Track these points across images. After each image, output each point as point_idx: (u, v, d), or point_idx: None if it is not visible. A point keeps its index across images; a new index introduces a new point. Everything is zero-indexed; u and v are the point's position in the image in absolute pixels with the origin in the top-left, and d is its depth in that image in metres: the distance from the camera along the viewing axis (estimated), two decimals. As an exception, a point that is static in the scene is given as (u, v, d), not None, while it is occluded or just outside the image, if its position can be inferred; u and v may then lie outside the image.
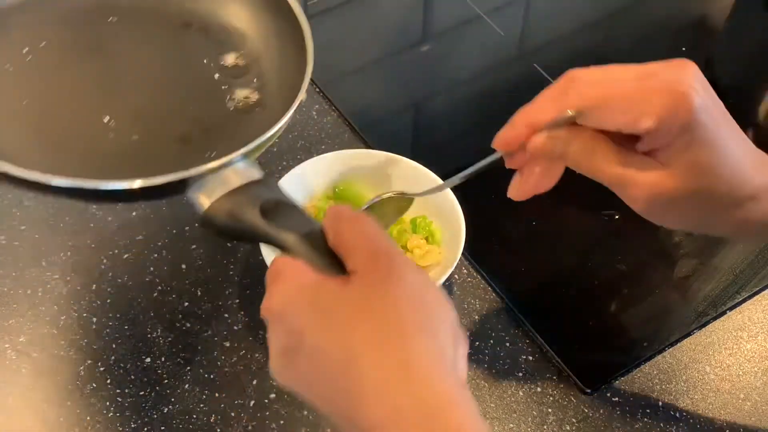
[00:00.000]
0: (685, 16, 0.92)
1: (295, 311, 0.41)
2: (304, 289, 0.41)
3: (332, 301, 0.40)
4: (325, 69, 0.84)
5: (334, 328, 0.39)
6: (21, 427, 0.60)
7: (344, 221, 0.43)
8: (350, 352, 0.39)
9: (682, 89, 0.46)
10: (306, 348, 0.40)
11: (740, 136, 0.48)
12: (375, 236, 0.42)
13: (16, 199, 0.73)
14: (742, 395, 0.63)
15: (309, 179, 0.68)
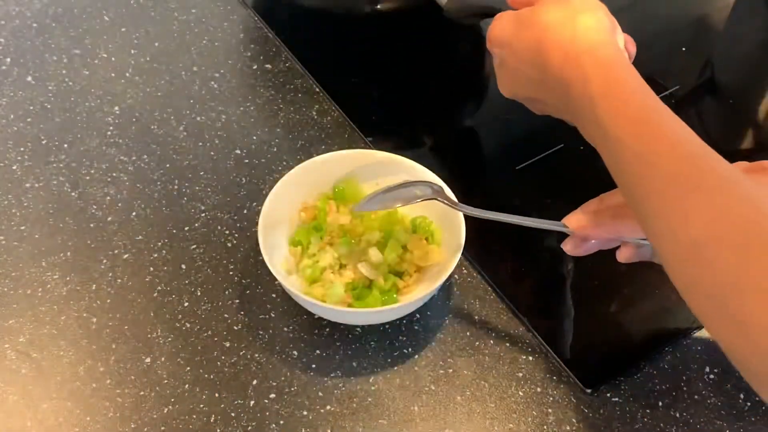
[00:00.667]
0: (685, 16, 0.92)
1: (499, 36, 0.62)
2: (511, 19, 0.62)
3: (527, 16, 0.60)
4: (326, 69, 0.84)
5: (525, 29, 0.60)
6: (21, 427, 0.60)
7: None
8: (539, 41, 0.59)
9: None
10: (507, 56, 0.62)
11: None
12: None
13: (16, 199, 0.73)
14: (742, 395, 0.63)
15: (309, 178, 0.68)
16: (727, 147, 0.82)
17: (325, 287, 0.64)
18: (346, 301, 0.64)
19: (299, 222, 0.68)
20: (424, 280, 0.65)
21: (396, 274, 0.66)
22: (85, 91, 0.81)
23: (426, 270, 0.66)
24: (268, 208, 0.65)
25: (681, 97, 0.83)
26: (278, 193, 0.66)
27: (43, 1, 0.89)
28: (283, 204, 0.67)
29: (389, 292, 0.65)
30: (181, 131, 0.78)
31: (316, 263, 0.66)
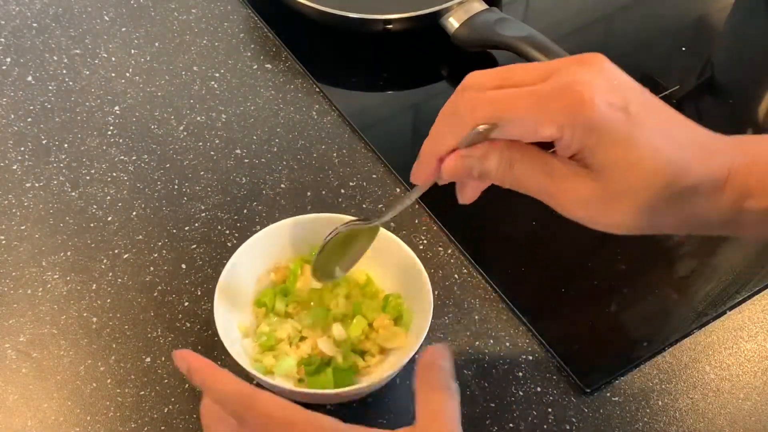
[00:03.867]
0: (685, 16, 0.92)
1: None
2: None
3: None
4: (326, 69, 0.85)
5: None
6: (21, 427, 0.60)
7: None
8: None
9: (578, 89, 0.43)
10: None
11: (672, 125, 0.45)
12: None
13: (16, 199, 0.73)
14: (742, 395, 0.63)
15: (281, 240, 0.65)
16: (727, 147, 0.82)
17: (277, 358, 0.61)
18: (295, 376, 0.60)
19: (268, 283, 0.65)
20: (388, 360, 0.62)
21: (360, 352, 0.62)
22: (85, 91, 0.81)
23: (391, 351, 0.62)
24: (236, 262, 0.62)
25: (681, 97, 0.83)
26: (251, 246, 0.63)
27: (43, 1, 0.89)
28: (255, 260, 0.64)
29: (347, 371, 0.60)
30: (181, 131, 0.78)
31: (273, 332, 0.62)
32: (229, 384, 0.48)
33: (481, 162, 0.46)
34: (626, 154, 0.43)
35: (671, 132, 0.45)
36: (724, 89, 0.87)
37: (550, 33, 0.78)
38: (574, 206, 0.46)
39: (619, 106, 0.43)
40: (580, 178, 0.45)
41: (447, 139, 0.47)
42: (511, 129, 0.45)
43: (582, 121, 0.43)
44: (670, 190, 0.44)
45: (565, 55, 0.75)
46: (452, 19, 0.82)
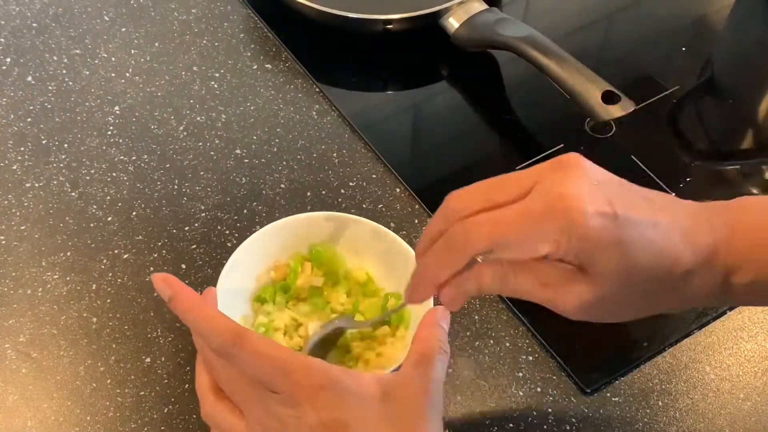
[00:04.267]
0: (685, 16, 0.92)
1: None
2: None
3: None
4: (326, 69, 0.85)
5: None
6: (21, 427, 0.60)
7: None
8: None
9: (567, 204, 0.43)
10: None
11: (656, 214, 0.46)
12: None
13: (16, 199, 0.73)
14: (742, 395, 0.63)
15: (280, 239, 0.64)
16: (727, 147, 0.82)
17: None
18: None
19: (268, 281, 0.64)
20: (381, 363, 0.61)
21: (355, 358, 0.61)
22: (85, 91, 0.81)
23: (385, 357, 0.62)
24: (235, 260, 0.61)
25: (681, 97, 0.83)
26: (250, 244, 0.63)
27: (43, 1, 0.89)
28: (254, 258, 0.63)
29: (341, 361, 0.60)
30: (181, 131, 0.78)
31: (271, 322, 0.62)
32: (215, 319, 0.48)
33: (476, 283, 0.48)
34: (620, 257, 0.44)
35: (656, 222, 0.46)
36: (724, 89, 0.87)
37: (550, 33, 0.78)
38: (575, 309, 0.46)
39: (607, 213, 0.44)
40: (577, 283, 0.46)
41: (443, 270, 0.48)
42: (509, 253, 0.46)
43: (576, 235, 0.43)
44: (666, 282, 0.46)
45: (566, 55, 0.75)
46: (452, 19, 0.82)
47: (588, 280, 0.45)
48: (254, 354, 0.47)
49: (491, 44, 0.81)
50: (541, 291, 0.47)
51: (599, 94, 0.73)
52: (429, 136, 0.82)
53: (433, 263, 0.48)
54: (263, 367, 0.46)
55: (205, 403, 0.51)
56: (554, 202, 0.44)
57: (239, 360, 0.47)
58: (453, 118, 0.82)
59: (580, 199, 0.44)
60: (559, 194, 0.44)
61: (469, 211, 0.46)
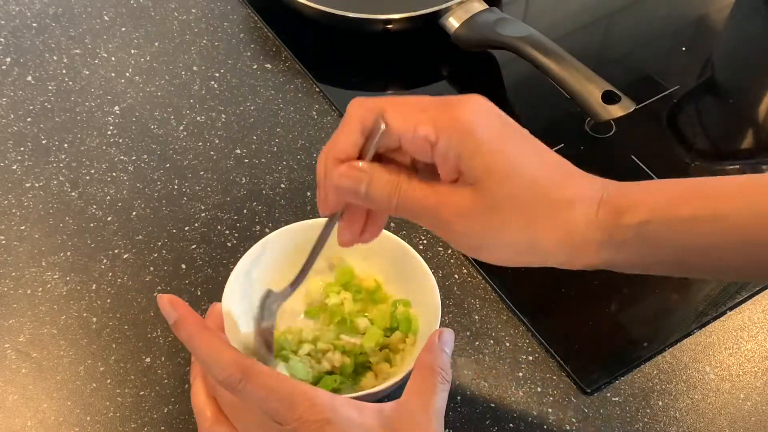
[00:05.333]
0: (685, 16, 0.92)
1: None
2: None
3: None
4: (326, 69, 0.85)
5: None
6: (21, 427, 0.60)
7: None
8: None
9: (458, 104, 0.46)
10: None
11: (543, 153, 0.48)
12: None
13: (16, 199, 0.73)
14: (742, 395, 0.63)
15: (287, 247, 0.63)
16: (727, 147, 0.82)
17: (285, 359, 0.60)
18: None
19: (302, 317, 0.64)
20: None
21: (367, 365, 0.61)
22: (85, 91, 0.81)
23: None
24: (239, 271, 0.61)
25: (681, 97, 0.83)
26: (253, 255, 0.62)
27: (43, 1, 0.89)
28: (259, 269, 0.62)
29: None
30: (181, 131, 0.78)
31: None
32: (221, 352, 0.48)
33: (369, 180, 0.48)
34: (502, 163, 0.46)
35: (544, 158, 0.48)
36: (724, 89, 0.87)
37: (550, 33, 0.78)
38: (455, 219, 0.47)
39: (495, 126, 0.46)
40: (459, 190, 0.47)
41: (344, 145, 0.48)
42: (394, 123, 0.46)
43: (458, 126, 0.45)
44: (546, 201, 0.46)
45: (566, 55, 0.75)
46: (452, 19, 0.82)
47: (471, 188, 0.46)
48: (259, 388, 0.47)
49: (491, 44, 0.81)
50: (427, 198, 0.47)
51: (599, 94, 0.73)
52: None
53: (332, 142, 0.49)
54: (268, 401, 0.47)
55: (203, 421, 0.51)
56: (448, 101, 0.47)
57: (244, 394, 0.47)
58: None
59: (472, 106, 0.47)
60: (455, 99, 0.47)
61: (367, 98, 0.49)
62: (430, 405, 0.49)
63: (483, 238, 0.48)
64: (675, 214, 0.47)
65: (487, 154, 0.45)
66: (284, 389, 0.47)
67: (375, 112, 0.47)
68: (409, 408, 0.49)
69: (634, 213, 0.47)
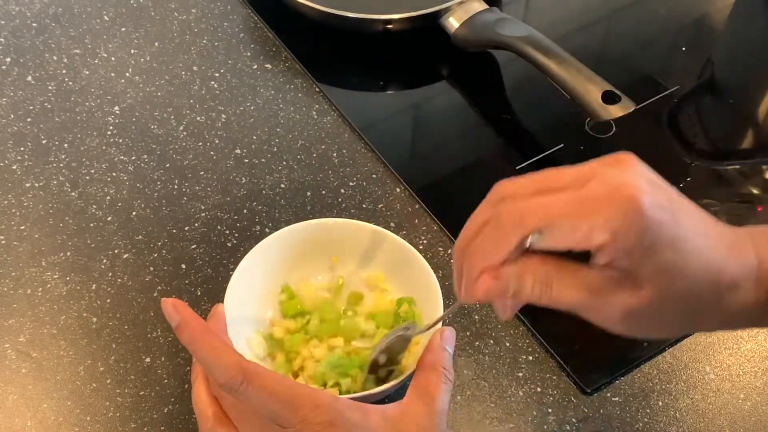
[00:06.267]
0: (685, 16, 0.92)
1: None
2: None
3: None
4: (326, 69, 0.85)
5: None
6: (21, 427, 0.60)
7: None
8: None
9: (628, 192, 0.41)
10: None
11: (705, 223, 0.45)
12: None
13: (16, 199, 0.73)
14: (742, 395, 0.63)
15: (288, 248, 0.63)
16: (727, 147, 0.82)
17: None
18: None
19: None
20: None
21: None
22: (85, 91, 0.81)
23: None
24: (241, 272, 0.60)
25: (681, 97, 0.83)
26: (254, 256, 0.61)
27: (43, 1, 0.89)
28: (260, 270, 0.62)
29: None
30: (181, 131, 0.78)
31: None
32: (223, 355, 0.48)
33: (517, 281, 0.45)
34: (674, 257, 0.42)
35: (707, 232, 0.44)
36: (724, 89, 0.87)
37: (550, 33, 0.78)
38: (619, 319, 0.44)
39: (666, 207, 0.42)
40: (623, 289, 0.43)
41: (493, 255, 0.45)
42: (562, 237, 0.42)
43: (637, 223, 0.41)
44: (712, 292, 0.44)
45: (566, 55, 0.75)
46: (452, 19, 0.82)
47: (634, 285, 0.43)
48: (261, 391, 0.47)
49: (491, 44, 0.81)
50: (584, 298, 0.44)
51: (599, 94, 0.73)
52: (429, 136, 0.82)
53: (481, 245, 0.45)
54: (271, 404, 0.47)
55: (205, 421, 0.50)
56: (616, 188, 0.41)
57: (246, 396, 0.47)
58: (453, 118, 0.82)
59: (640, 189, 0.41)
60: (622, 183, 0.41)
61: (521, 196, 0.44)
62: (433, 405, 0.49)
63: (645, 331, 0.46)
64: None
65: (661, 252, 0.42)
66: (286, 391, 0.47)
67: (535, 227, 0.43)
68: (413, 409, 0.49)
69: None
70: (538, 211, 0.42)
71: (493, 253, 0.44)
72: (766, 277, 0.45)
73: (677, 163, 0.77)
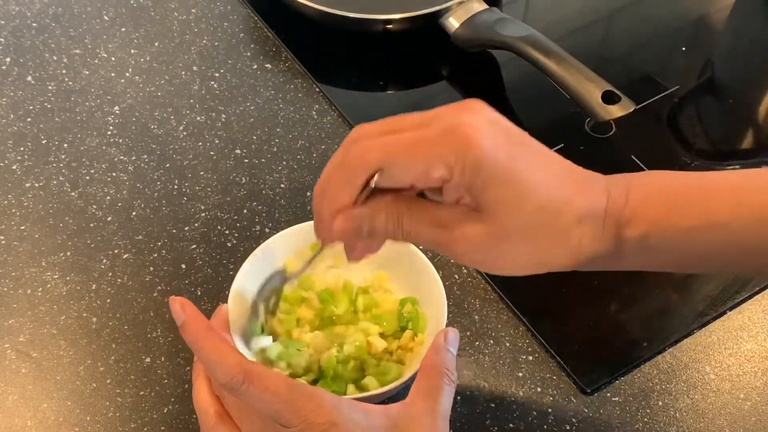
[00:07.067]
0: (685, 16, 0.92)
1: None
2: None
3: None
4: (326, 69, 0.85)
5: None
6: (21, 427, 0.60)
7: None
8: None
9: (463, 130, 0.44)
10: None
11: (549, 162, 0.47)
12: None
13: (16, 199, 0.73)
14: (742, 395, 0.63)
15: (288, 249, 0.63)
16: (727, 147, 0.82)
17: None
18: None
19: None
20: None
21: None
22: (85, 91, 0.81)
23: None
24: (243, 274, 0.61)
25: (681, 97, 0.83)
26: (254, 259, 0.62)
27: (43, 1, 0.89)
28: (261, 270, 0.62)
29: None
30: (181, 131, 0.78)
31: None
32: (224, 355, 0.48)
33: (369, 220, 0.47)
34: (512, 191, 0.45)
35: (550, 169, 0.47)
36: (724, 89, 0.87)
37: (550, 33, 0.78)
38: (467, 252, 0.46)
39: (502, 145, 0.45)
40: (469, 223, 0.46)
41: (341, 194, 0.46)
42: (401, 173, 0.45)
43: (471, 159, 0.44)
44: (556, 224, 0.46)
45: (566, 55, 0.75)
46: (452, 19, 0.82)
47: (481, 218, 0.45)
48: (263, 391, 0.47)
49: (491, 44, 0.81)
50: (435, 233, 0.46)
51: (599, 94, 0.73)
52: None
53: (330, 187, 0.47)
54: (272, 404, 0.47)
55: (207, 420, 0.50)
56: (451, 128, 0.44)
57: (247, 396, 0.47)
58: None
59: (477, 128, 0.44)
60: (456, 123, 0.44)
61: (368, 137, 0.46)
62: (436, 406, 0.49)
63: (494, 264, 0.48)
64: (674, 224, 0.47)
65: (498, 185, 0.44)
66: (288, 391, 0.47)
67: (376, 166, 0.45)
68: (415, 409, 0.49)
69: (635, 227, 0.47)
70: (380, 149, 0.45)
71: (343, 192, 0.46)
72: (615, 215, 0.47)
73: (677, 163, 0.77)
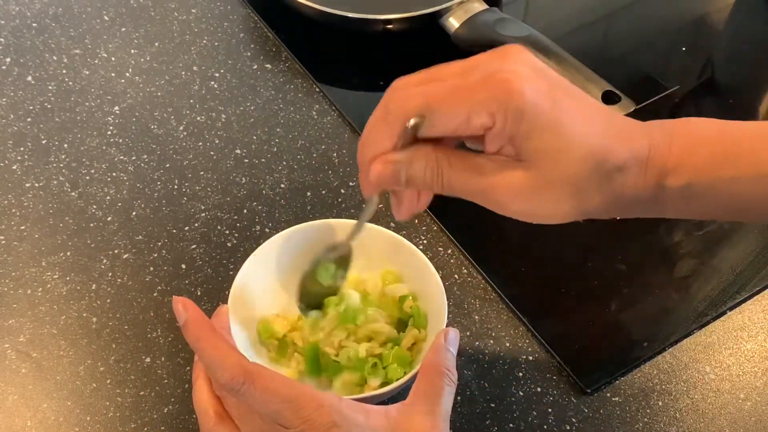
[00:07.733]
0: (685, 16, 0.92)
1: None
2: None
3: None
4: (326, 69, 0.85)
5: None
6: (21, 427, 0.60)
7: None
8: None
9: (505, 77, 0.44)
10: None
11: (592, 110, 0.46)
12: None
13: (16, 199, 0.73)
14: (742, 395, 0.63)
15: (292, 248, 0.63)
16: (727, 147, 0.82)
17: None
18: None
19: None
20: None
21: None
22: (85, 91, 0.81)
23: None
24: (244, 275, 0.61)
25: (681, 97, 0.83)
26: (257, 258, 0.62)
27: (43, 1, 0.89)
28: (264, 271, 0.63)
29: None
30: (181, 131, 0.78)
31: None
32: (225, 355, 0.48)
33: (408, 166, 0.47)
34: (556, 139, 0.44)
35: (594, 118, 0.46)
36: (724, 89, 0.87)
37: (550, 33, 0.78)
38: (508, 200, 0.46)
39: (545, 93, 0.44)
40: (511, 170, 0.45)
41: (382, 140, 0.47)
42: (443, 121, 0.45)
43: (513, 107, 0.43)
44: (598, 173, 0.46)
45: (566, 55, 0.75)
46: (452, 19, 0.82)
47: (523, 166, 0.45)
48: (264, 391, 0.47)
49: (491, 44, 0.80)
50: (473, 181, 0.46)
51: (599, 94, 0.73)
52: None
53: (370, 134, 0.47)
54: (273, 404, 0.47)
55: (207, 420, 0.50)
56: (492, 75, 0.44)
57: (248, 396, 0.47)
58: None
59: (519, 75, 0.44)
60: (498, 69, 0.44)
61: (409, 86, 0.46)
62: (436, 407, 0.49)
63: (535, 212, 0.47)
64: (719, 174, 0.47)
65: (541, 134, 0.44)
66: (289, 392, 0.47)
67: (417, 112, 0.45)
68: (416, 410, 0.49)
69: (679, 175, 0.47)
70: (421, 96, 0.45)
71: (382, 137, 0.46)
72: (657, 164, 0.47)
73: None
